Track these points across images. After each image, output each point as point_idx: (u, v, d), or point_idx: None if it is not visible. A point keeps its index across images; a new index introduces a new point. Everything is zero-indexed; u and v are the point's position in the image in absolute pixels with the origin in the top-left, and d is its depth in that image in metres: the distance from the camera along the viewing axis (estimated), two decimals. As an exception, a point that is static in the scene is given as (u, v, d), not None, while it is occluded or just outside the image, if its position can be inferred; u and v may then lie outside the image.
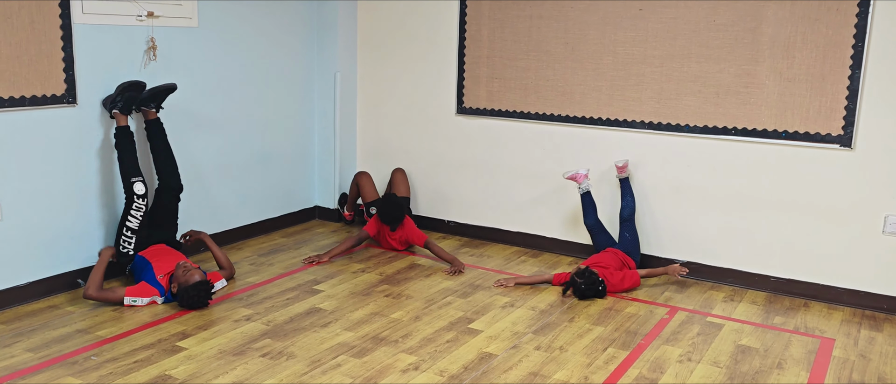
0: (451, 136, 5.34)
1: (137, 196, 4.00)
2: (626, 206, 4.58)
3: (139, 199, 4.00)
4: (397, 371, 3.24)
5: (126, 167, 4.03)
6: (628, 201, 4.59)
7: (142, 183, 4.02)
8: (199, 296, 3.80)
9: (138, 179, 4.01)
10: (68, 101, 3.94)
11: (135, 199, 4.00)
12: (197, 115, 4.70)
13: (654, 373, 3.29)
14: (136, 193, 4.00)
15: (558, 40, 4.78)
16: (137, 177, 4.02)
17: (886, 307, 4.11)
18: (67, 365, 3.21)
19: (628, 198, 4.59)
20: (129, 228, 4.03)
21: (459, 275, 4.53)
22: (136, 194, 4.00)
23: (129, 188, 4.01)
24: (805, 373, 3.34)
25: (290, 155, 5.47)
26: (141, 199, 4.01)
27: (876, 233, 4.09)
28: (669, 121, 4.52)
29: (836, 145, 4.11)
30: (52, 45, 3.83)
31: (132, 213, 4.01)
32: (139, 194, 4.00)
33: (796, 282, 4.33)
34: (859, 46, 3.96)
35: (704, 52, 4.35)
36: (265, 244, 5.10)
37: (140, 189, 4.00)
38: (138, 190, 4.00)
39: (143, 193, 4.01)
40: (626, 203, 4.59)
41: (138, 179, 4.01)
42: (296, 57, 5.38)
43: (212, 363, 3.27)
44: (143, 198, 4.02)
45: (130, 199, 4.01)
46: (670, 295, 4.30)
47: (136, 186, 4.00)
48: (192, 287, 3.78)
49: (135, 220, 4.02)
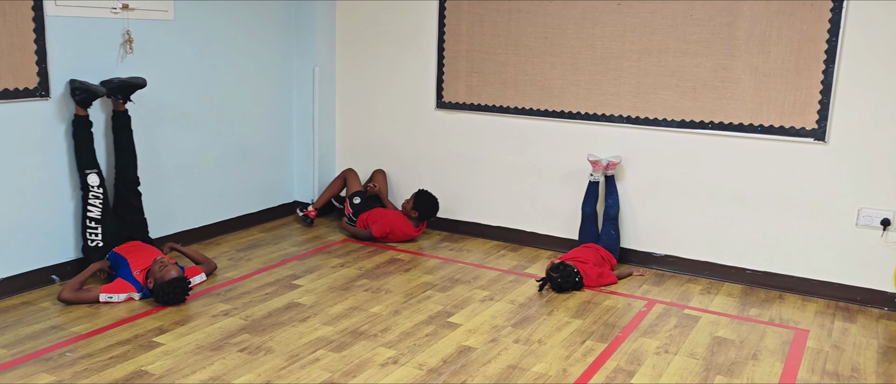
0: (430, 131, 5.33)
1: (92, 186, 4.00)
2: (613, 205, 4.59)
3: (95, 189, 4.01)
4: (376, 365, 3.24)
5: (81, 158, 4.01)
6: (614, 200, 4.60)
7: (96, 174, 4.02)
8: (174, 293, 3.76)
9: (92, 171, 4.02)
10: (41, 94, 3.89)
11: (90, 190, 4.00)
12: (174, 109, 4.65)
13: (631, 365, 3.32)
14: (90, 184, 4.00)
15: (537, 35, 4.79)
16: (91, 169, 4.02)
17: (860, 299, 4.17)
18: (41, 361, 3.17)
19: (614, 197, 4.60)
20: (92, 219, 4.03)
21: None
22: (91, 185, 4.00)
23: (83, 179, 4.01)
24: (780, 364, 3.38)
25: (269, 150, 5.44)
26: (97, 189, 4.02)
27: (849, 225, 4.15)
28: (647, 115, 4.55)
29: (810, 139, 4.16)
30: (25, 38, 3.77)
31: (91, 204, 4.02)
32: (93, 185, 4.01)
33: (771, 274, 4.38)
34: (833, 41, 4.01)
35: (681, 47, 4.39)
36: (243, 239, 5.07)
37: (94, 180, 4.01)
38: (92, 181, 4.01)
39: (97, 184, 4.02)
40: (614, 202, 4.60)
41: (92, 171, 4.02)
42: (274, 51, 5.35)
43: (189, 358, 3.24)
44: (99, 187, 4.03)
45: (86, 191, 4.01)
46: (648, 288, 4.33)
47: (89, 178, 4.01)
48: (167, 283, 3.75)
49: (95, 210, 4.03)
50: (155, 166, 4.54)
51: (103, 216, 4.05)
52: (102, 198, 4.04)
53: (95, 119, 4.17)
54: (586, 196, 4.66)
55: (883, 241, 4.08)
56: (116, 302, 3.80)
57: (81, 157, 4.01)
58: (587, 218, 4.65)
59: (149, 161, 4.47)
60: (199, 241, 4.93)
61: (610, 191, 4.61)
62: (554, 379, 3.16)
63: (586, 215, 4.65)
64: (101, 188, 4.04)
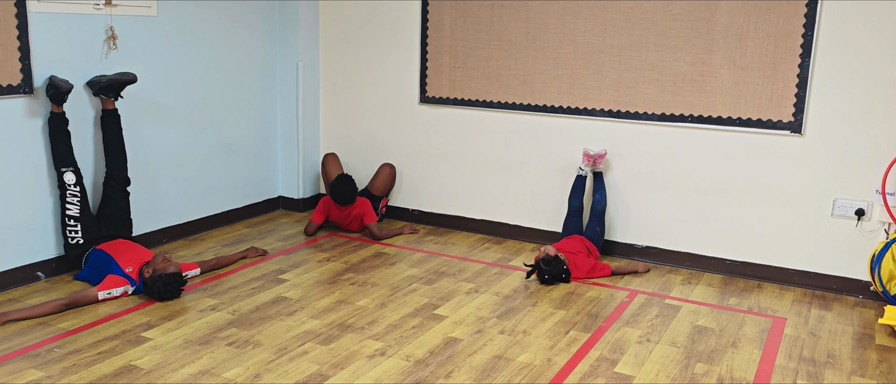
0: (414, 126, 5.37)
1: (69, 184, 4.00)
2: (600, 200, 4.63)
3: (71, 187, 4.00)
4: (364, 357, 3.28)
5: (57, 156, 4.00)
6: (602, 195, 4.64)
7: (72, 172, 4.01)
8: (169, 288, 3.79)
9: (68, 169, 4.01)
10: (25, 91, 3.88)
11: (67, 188, 4.00)
12: (158, 105, 4.65)
13: (614, 353, 3.39)
14: (66, 183, 4.00)
15: (519, 30, 4.84)
16: (68, 166, 4.01)
17: (835, 287, 4.28)
18: (29, 357, 3.18)
19: (602, 192, 4.64)
20: (71, 216, 4.02)
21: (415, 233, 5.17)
22: (67, 183, 4.00)
23: (59, 178, 4.00)
24: (758, 351, 3.47)
25: (254, 145, 5.45)
26: (74, 187, 4.01)
27: (825, 216, 4.25)
28: (628, 109, 4.62)
29: (786, 132, 4.25)
30: (8, 35, 3.76)
31: (68, 202, 4.01)
32: (70, 183, 4.00)
33: (750, 264, 4.47)
34: (809, 35, 4.09)
35: (661, 42, 4.46)
36: (229, 234, 5.08)
37: (70, 178, 4.00)
38: (68, 179, 4.00)
39: (73, 182, 4.01)
40: (601, 197, 4.64)
41: (68, 169, 4.01)
42: (257, 46, 5.35)
43: (178, 353, 3.26)
44: (76, 185, 4.02)
45: (63, 189, 4.01)
46: (630, 279, 4.40)
47: (65, 176, 4.00)
48: (166, 276, 3.77)
49: (73, 207, 4.02)
50: (140, 162, 4.54)
51: (82, 213, 4.04)
52: (79, 196, 4.03)
53: (85, 117, 4.16)
54: (573, 189, 4.72)
55: (857, 231, 4.18)
56: (116, 296, 3.81)
57: (57, 154, 4.00)
58: (574, 211, 4.71)
59: (134, 157, 4.46)
60: (185, 237, 4.94)
61: (597, 186, 4.66)
62: (539, 368, 3.22)
63: (573, 209, 4.71)
64: (78, 186, 4.02)
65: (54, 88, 3.92)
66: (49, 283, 4.05)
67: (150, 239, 4.65)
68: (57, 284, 4.04)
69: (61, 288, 3.99)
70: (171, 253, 4.48)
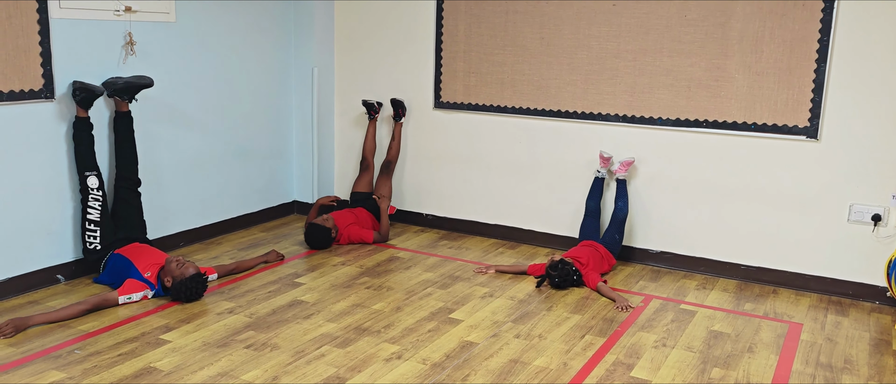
0: (428, 130, 5.39)
1: (92, 189, 4.04)
2: (623, 209, 4.60)
3: (94, 191, 4.05)
4: (380, 360, 3.30)
5: (80, 160, 4.05)
6: (624, 203, 4.60)
7: (95, 176, 4.07)
8: (195, 289, 3.83)
9: (92, 173, 4.06)
10: (46, 96, 3.93)
11: (90, 192, 4.04)
12: (175, 109, 4.70)
13: (630, 358, 3.39)
14: (89, 187, 4.04)
15: (534, 35, 4.86)
16: (91, 171, 4.06)
17: (852, 293, 4.26)
18: (51, 359, 3.21)
19: (624, 200, 4.60)
20: (91, 221, 4.07)
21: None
22: (90, 187, 4.04)
23: (82, 181, 4.05)
24: (774, 357, 3.46)
25: (269, 149, 5.49)
26: (97, 191, 4.06)
27: (841, 221, 4.24)
28: (642, 114, 4.63)
29: (802, 137, 4.24)
30: (30, 40, 3.81)
31: (90, 206, 4.06)
32: (93, 187, 4.05)
33: (766, 269, 4.46)
34: (824, 41, 4.09)
35: (676, 47, 4.46)
36: (245, 238, 5.12)
37: (93, 183, 4.05)
38: (92, 184, 4.05)
39: (96, 186, 4.06)
40: (624, 205, 4.60)
41: (92, 173, 4.06)
42: (273, 52, 5.40)
43: (196, 355, 3.29)
44: (99, 189, 4.07)
45: (86, 193, 4.05)
46: (645, 283, 4.40)
47: (89, 180, 4.05)
48: (189, 279, 3.81)
49: (95, 212, 4.07)
50: (156, 166, 4.59)
51: (102, 218, 4.09)
52: (101, 201, 4.08)
53: (98, 119, 4.21)
54: (591, 191, 4.71)
55: (874, 236, 4.16)
56: (136, 300, 3.85)
57: (81, 158, 4.05)
58: (590, 213, 4.69)
59: (150, 161, 4.52)
60: (200, 241, 4.98)
61: (621, 193, 4.62)
62: (555, 372, 3.23)
63: (590, 210, 4.70)
64: (101, 190, 4.08)
65: (86, 92, 3.97)
66: (68, 286, 4.09)
67: (166, 242, 4.69)
68: (76, 287, 4.08)
69: (81, 290, 4.03)
70: (185, 256, 4.51)
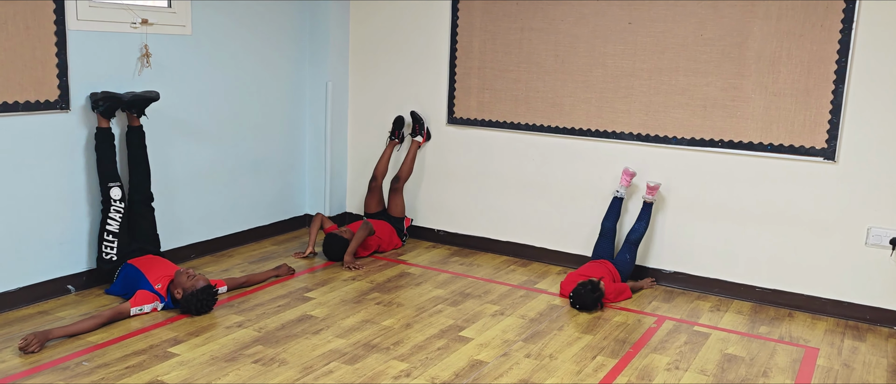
0: (441, 146, 5.38)
1: (114, 200, 4.05)
2: (638, 230, 4.54)
3: (117, 203, 4.05)
4: (389, 377, 3.26)
5: (104, 171, 4.06)
6: (642, 225, 4.54)
7: (118, 187, 4.07)
8: (205, 301, 3.83)
9: (115, 184, 4.07)
10: (61, 107, 3.95)
11: (112, 203, 4.04)
12: (189, 121, 4.71)
13: (642, 380, 3.34)
14: (112, 198, 4.04)
15: (549, 53, 4.85)
16: (114, 182, 4.07)
17: (869, 317, 4.19)
18: (58, 370, 3.20)
19: (644, 222, 4.55)
20: (110, 232, 4.07)
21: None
22: (113, 199, 4.04)
23: (105, 192, 4.05)
24: (790, 382, 3.40)
25: (282, 163, 5.49)
26: (119, 203, 4.06)
27: (859, 244, 4.17)
28: (657, 133, 4.59)
29: (820, 158, 4.19)
30: (46, 51, 3.84)
31: (111, 217, 4.06)
32: (116, 198, 4.05)
33: (781, 292, 4.39)
34: (843, 62, 4.05)
35: (692, 66, 4.43)
36: (256, 251, 5.11)
37: (116, 194, 4.06)
38: (115, 195, 4.05)
39: (119, 198, 4.06)
40: (640, 226, 4.54)
41: (115, 184, 4.07)
42: (288, 66, 5.42)
43: (204, 369, 3.27)
44: (121, 201, 4.07)
45: (108, 204, 4.05)
46: (658, 304, 4.35)
47: (112, 191, 4.05)
48: (199, 292, 3.81)
49: (115, 223, 4.07)
50: (169, 179, 4.60)
51: (120, 230, 4.10)
52: (122, 213, 4.09)
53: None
54: (608, 211, 4.65)
55: (892, 261, 4.09)
56: (147, 312, 3.85)
57: (104, 169, 4.06)
58: (606, 233, 4.64)
59: (163, 173, 4.53)
60: (212, 253, 4.98)
61: (643, 215, 4.55)
62: (565, 393, 3.18)
63: (605, 231, 4.65)
64: (123, 202, 4.08)
65: (109, 101, 4.00)
66: (79, 297, 4.09)
67: (178, 254, 4.69)
68: (86, 298, 4.08)
69: (91, 301, 4.03)
70: (195, 268, 4.50)
